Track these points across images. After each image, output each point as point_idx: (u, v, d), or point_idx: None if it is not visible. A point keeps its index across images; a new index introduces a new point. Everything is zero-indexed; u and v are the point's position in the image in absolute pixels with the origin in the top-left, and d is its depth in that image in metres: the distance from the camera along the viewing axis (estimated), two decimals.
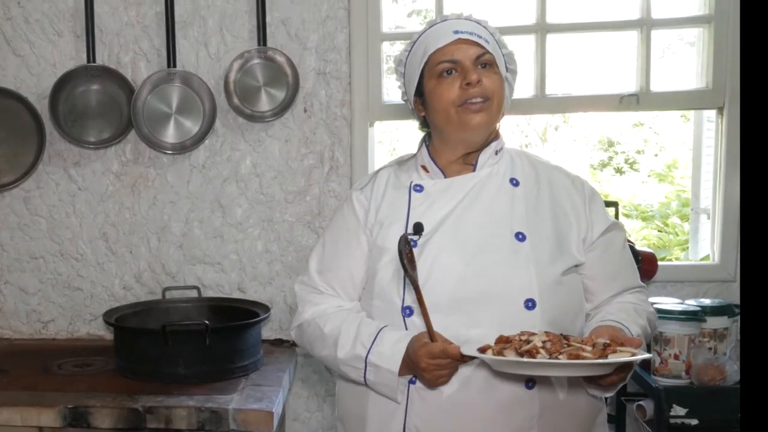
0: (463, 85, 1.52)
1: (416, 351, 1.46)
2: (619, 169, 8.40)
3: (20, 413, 1.98)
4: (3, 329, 2.76)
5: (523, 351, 1.32)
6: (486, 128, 1.57)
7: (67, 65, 2.62)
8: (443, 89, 1.55)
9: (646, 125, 8.36)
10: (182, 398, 2.02)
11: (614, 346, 1.32)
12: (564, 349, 1.31)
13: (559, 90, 2.69)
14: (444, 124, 1.58)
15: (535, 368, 1.33)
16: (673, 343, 2.12)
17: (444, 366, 1.44)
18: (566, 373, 1.39)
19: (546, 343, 1.33)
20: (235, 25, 2.59)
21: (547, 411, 1.50)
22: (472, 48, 1.54)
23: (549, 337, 1.36)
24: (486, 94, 1.53)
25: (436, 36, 1.57)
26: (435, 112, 1.58)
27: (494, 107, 1.55)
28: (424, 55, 1.57)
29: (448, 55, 1.54)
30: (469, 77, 1.52)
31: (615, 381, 1.42)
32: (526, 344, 1.33)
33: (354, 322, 1.60)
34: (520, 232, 1.54)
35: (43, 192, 2.70)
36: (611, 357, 1.30)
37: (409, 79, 1.63)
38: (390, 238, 1.59)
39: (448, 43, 1.55)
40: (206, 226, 2.66)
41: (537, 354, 1.30)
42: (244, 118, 2.58)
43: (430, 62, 1.57)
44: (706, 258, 2.60)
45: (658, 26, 2.52)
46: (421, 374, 1.48)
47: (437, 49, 1.55)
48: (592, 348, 1.32)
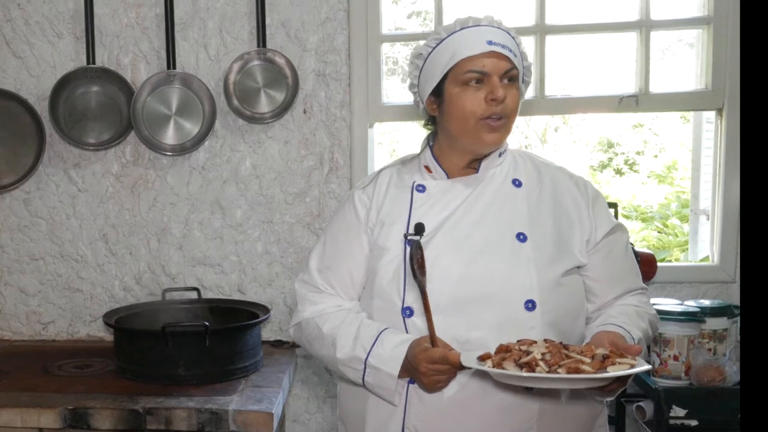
0: (488, 100, 1.51)
1: (416, 355, 1.46)
2: (618, 171, 8.40)
3: (20, 414, 1.98)
4: (3, 330, 2.76)
5: (523, 363, 1.32)
6: (498, 146, 1.59)
7: (67, 67, 2.62)
8: (467, 99, 1.53)
9: (645, 126, 8.36)
10: (182, 399, 2.02)
11: (613, 358, 1.33)
12: (563, 361, 1.32)
13: (559, 91, 2.69)
14: (459, 133, 1.57)
15: (535, 381, 1.34)
16: (673, 344, 2.12)
17: (443, 372, 1.44)
18: (565, 386, 1.40)
19: (545, 355, 1.34)
20: (234, 27, 2.59)
21: (546, 413, 1.50)
22: (502, 62, 1.52)
23: (548, 346, 1.36)
24: (507, 112, 1.53)
25: (469, 42, 1.54)
26: (452, 119, 1.57)
27: (510, 125, 1.56)
28: (452, 58, 1.54)
29: (479, 66, 1.52)
30: (496, 93, 1.50)
31: (615, 389, 1.42)
32: (526, 355, 1.34)
33: (354, 323, 1.60)
34: (522, 232, 1.54)
35: (43, 193, 2.70)
36: (610, 369, 1.31)
37: (428, 76, 1.60)
38: (391, 237, 1.59)
39: (480, 53, 1.52)
40: (206, 227, 2.66)
41: (536, 366, 1.31)
42: (243, 119, 2.58)
43: (457, 67, 1.54)
44: (705, 259, 2.60)
45: (657, 27, 2.52)
46: (420, 378, 1.48)
47: (469, 56, 1.52)
48: (591, 359, 1.33)
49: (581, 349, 1.38)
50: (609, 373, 1.30)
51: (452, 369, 1.44)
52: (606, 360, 1.32)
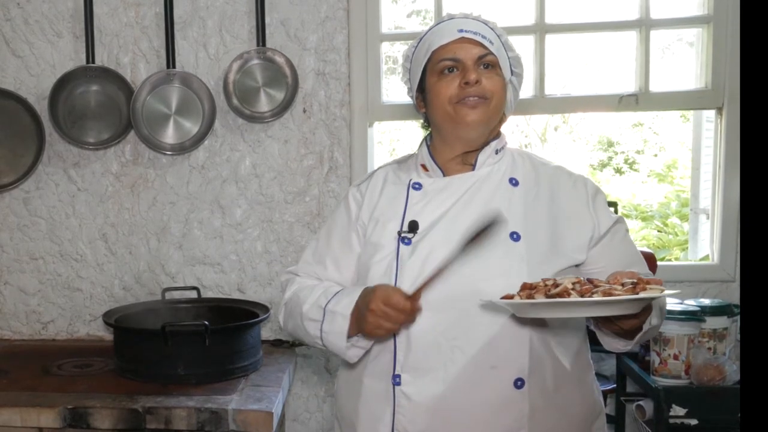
0: (462, 84, 1.52)
1: (375, 290, 1.44)
2: (618, 170, 8.41)
3: (20, 414, 1.98)
4: (3, 330, 2.76)
5: (554, 294, 1.29)
6: (482, 126, 1.57)
7: (66, 66, 2.62)
8: (442, 86, 1.55)
9: (645, 125, 8.38)
10: (182, 399, 2.02)
11: (643, 284, 1.30)
12: (596, 288, 1.29)
13: (559, 90, 2.69)
14: (441, 121, 1.58)
15: (571, 309, 1.30)
16: (673, 343, 2.12)
17: (391, 318, 1.42)
18: (600, 313, 1.34)
19: (576, 285, 1.31)
20: (234, 26, 2.59)
21: (537, 411, 1.49)
22: (475, 48, 1.54)
23: (578, 279, 1.34)
24: (484, 93, 1.53)
25: (441, 33, 1.57)
26: (433, 109, 1.59)
27: (492, 107, 1.55)
28: (427, 51, 1.57)
29: (450, 53, 1.54)
30: (468, 76, 1.52)
31: (635, 324, 1.40)
32: (555, 288, 1.31)
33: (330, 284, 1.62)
34: (515, 231, 1.53)
35: (43, 193, 2.70)
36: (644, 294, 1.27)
37: (414, 75, 1.64)
38: (385, 235, 1.59)
39: (451, 41, 1.54)
40: (206, 226, 2.66)
41: (568, 296, 1.28)
42: (243, 118, 2.58)
43: (432, 59, 1.57)
44: (705, 258, 2.60)
45: (657, 26, 2.52)
46: (365, 316, 1.44)
47: (440, 46, 1.55)
48: (622, 287, 1.30)
49: (609, 280, 1.35)
50: (647, 294, 1.27)
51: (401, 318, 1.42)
52: (636, 286, 1.30)
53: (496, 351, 1.47)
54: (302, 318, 1.60)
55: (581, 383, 1.58)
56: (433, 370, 1.49)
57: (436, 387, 1.49)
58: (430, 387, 1.49)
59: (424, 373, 1.50)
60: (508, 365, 1.48)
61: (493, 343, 1.47)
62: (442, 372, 1.48)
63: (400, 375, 1.52)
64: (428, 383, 1.49)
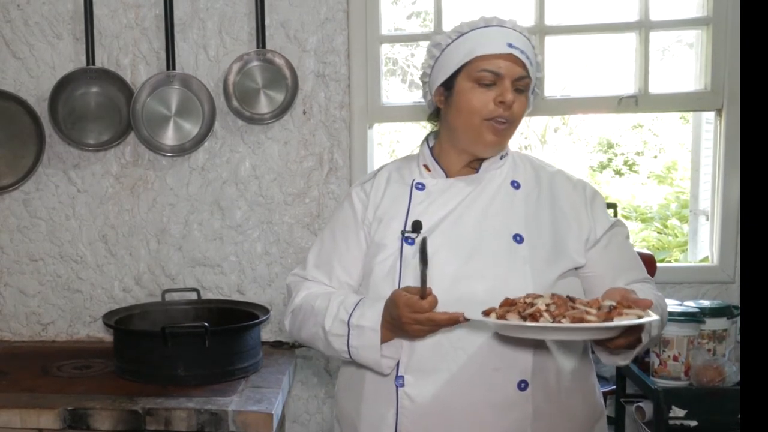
0: (497, 101, 1.50)
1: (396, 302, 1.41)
2: (618, 171, 8.41)
3: (20, 415, 1.98)
4: (3, 331, 2.76)
5: (527, 314, 1.28)
6: (498, 148, 1.58)
7: (66, 68, 2.62)
8: (476, 96, 1.52)
9: (645, 127, 8.38)
10: (182, 400, 2.02)
11: (620, 309, 1.28)
12: (568, 312, 1.28)
13: (558, 92, 2.69)
14: (462, 130, 1.56)
15: (537, 332, 1.29)
16: (672, 344, 2.12)
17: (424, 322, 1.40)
18: (568, 337, 1.34)
19: (550, 306, 1.30)
20: (234, 28, 2.59)
21: (540, 413, 1.49)
22: (518, 67, 1.51)
23: (554, 299, 1.32)
24: (513, 117, 1.53)
25: (489, 40, 1.53)
26: (458, 114, 1.56)
27: (512, 132, 1.56)
28: (470, 52, 1.53)
29: (494, 66, 1.50)
30: (506, 96, 1.49)
31: (622, 344, 1.38)
32: (530, 307, 1.30)
33: (342, 294, 1.60)
34: (518, 234, 1.54)
35: (43, 194, 2.70)
36: (616, 320, 1.25)
37: (442, 67, 1.58)
38: (388, 235, 1.59)
39: (498, 53, 1.51)
40: (206, 228, 2.66)
41: (540, 317, 1.27)
42: (243, 120, 2.59)
43: (473, 63, 1.52)
44: (705, 259, 2.60)
45: (656, 28, 2.52)
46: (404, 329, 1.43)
47: (486, 54, 1.51)
48: (598, 311, 1.28)
49: (588, 301, 1.33)
50: (614, 323, 1.25)
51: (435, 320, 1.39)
52: (612, 311, 1.27)
53: (500, 353, 1.47)
54: (326, 335, 1.56)
55: (584, 385, 1.58)
56: (436, 372, 1.49)
57: (439, 388, 1.49)
58: (434, 388, 1.49)
59: (427, 375, 1.50)
60: (511, 367, 1.48)
61: (496, 345, 1.47)
62: (446, 373, 1.48)
63: (403, 376, 1.52)
64: (432, 385, 1.49)
